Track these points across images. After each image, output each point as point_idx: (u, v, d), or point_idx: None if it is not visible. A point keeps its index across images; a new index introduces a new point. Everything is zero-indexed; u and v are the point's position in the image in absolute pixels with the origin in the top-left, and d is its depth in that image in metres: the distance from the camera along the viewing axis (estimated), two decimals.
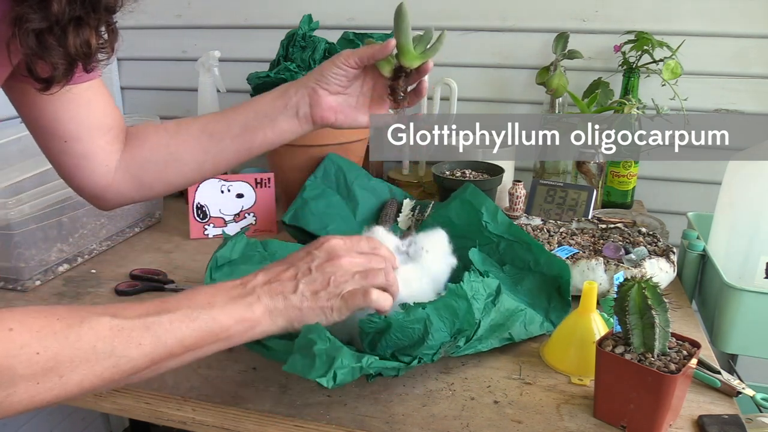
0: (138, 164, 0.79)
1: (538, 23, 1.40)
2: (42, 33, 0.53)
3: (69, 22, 0.54)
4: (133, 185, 0.80)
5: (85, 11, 0.55)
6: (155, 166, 0.79)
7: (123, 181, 0.79)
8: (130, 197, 0.82)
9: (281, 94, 0.79)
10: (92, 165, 0.77)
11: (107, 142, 0.77)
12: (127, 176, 0.79)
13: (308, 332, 0.61)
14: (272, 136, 0.78)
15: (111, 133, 0.78)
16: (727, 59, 1.32)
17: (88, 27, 0.57)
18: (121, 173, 0.79)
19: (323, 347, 0.60)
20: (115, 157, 0.79)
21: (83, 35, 0.56)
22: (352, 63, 0.76)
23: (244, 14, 1.57)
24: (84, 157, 0.76)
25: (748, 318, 0.84)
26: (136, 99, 1.74)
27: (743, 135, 1.35)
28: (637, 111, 1.19)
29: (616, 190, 1.29)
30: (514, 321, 0.79)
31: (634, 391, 0.63)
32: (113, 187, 0.79)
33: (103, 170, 0.78)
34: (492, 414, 0.68)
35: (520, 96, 1.45)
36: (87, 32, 0.57)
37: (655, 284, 0.63)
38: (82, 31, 0.56)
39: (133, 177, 0.80)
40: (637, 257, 0.91)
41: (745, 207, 0.91)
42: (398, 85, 0.77)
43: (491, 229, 0.92)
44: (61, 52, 0.56)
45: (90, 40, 0.57)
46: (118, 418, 1.79)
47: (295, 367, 0.60)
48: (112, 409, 0.73)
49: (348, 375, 0.61)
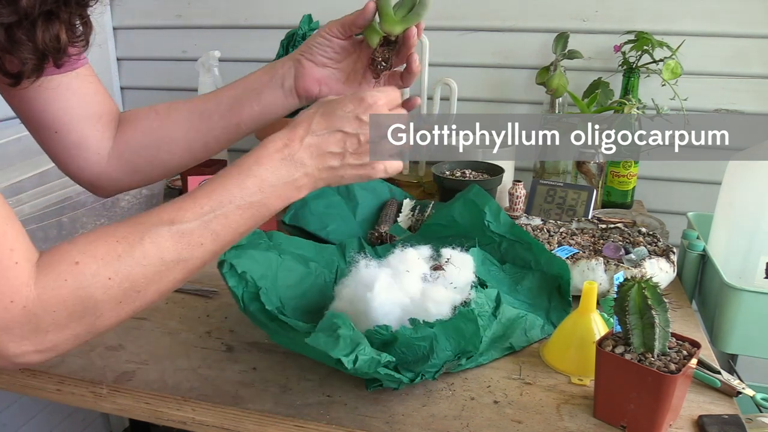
0: (131, 149, 0.78)
1: (538, 23, 1.40)
2: (11, 27, 0.53)
3: (39, 16, 0.54)
4: (127, 171, 0.79)
5: (56, 5, 0.55)
6: (148, 150, 0.78)
7: (117, 167, 0.79)
8: (126, 183, 0.81)
9: (269, 68, 0.78)
10: (85, 153, 0.76)
11: (98, 129, 0.77)
12: (121, 162, 0.78)
13: (333, 317, 0.64)
14: (258, 109, 0.78)
15: (102, 120, 0.77)
16: (727, 59, 1.32)
17: (59, 21, 0.56)
18: (115, 159, 0.78)
19: (348, 333, 0.62)
20: (107, 144, 0.78)
21: (53, 30, 0.55)
22: (335, 32, 0.75)
23: (244, 14, 1.57)
24: (76, 147, 0.76)
25: (748, 318, 0.84)
26: (136, 99, 1.74)
27: (743, 135, 1.35)
28: (637, 111, 1.19)
29: (616, 190, 1.29)
30: (515, 329, 0.79)
31: (634, 391, 0.63)
32: (108, 173, 0.79)
33: (96, 158, 0.77)
34: (492, 414, 0.68)
35: (520, 96, 1.45)
36: (57, 27, 0.56)
37: (655, 284, 0.63)
38: (52, 26, 0.55)
39: (126, 162, 0.78)
40: (637, 257, 0.91)
41: (745, 207, 0.91)
42: (377, 52, 0.73)
43: (493, 228, 0.92)
44: (30, 47, 0.55)
45: (60, 34, 0.56)
46: (118, 418, 1.79)
47: (318, 343, 0.62)
48: (112, 409, 0.73)
49: (367, 363, 0.61)
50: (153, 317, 0.88)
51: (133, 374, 0.75)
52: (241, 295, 0.73)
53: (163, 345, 0.81)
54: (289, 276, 0.83)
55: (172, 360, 0.78)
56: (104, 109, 0.78)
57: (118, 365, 0.76)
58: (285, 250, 0.85)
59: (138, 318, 0.87)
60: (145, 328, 0.85)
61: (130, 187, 0.83)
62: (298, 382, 0.73)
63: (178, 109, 0.79)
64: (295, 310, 0.80)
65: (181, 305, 0.92)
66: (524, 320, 0.80)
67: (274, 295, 0.79)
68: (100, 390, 0.73)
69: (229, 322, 0.87)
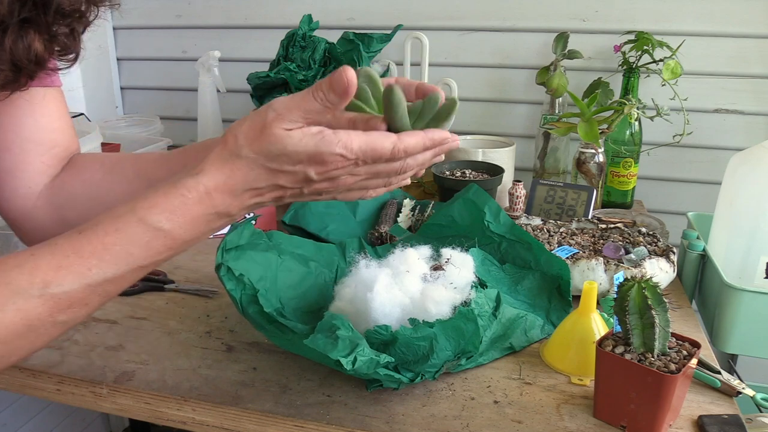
0: (66, 195, 0.67)
1: (538, 23, 1.40)
2: None
3: (14, 23, 0.49)
4: (54, 218, 0.67)
5: (33, 12, 0.49)
6: (82, 204, 0.67)
7: (45, 211, 0.67)
8: (51, 232, 0.66)
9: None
10: (15, 183, 0.65)
11: (43, 161, 0.66)
12: (51, 207, 0.67)
13: (332, 318, 0.64)
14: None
15: (52, 152, 0.67)
16: (727, 59, 1.32)
17: (34, 30, 0.50)
18: (45, 201, 0.67)
19: (347, 334, 0.62)
20: (43, 180, 0.67)
21: (25, 39, 0.50)
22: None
23: (244, 14, 1.57)
24: (8, 172, 0.65)
25: (748, 318, 0.84)
26: (136, 99, 1.75)
27: (743, 135, 1.36)
28: (637, 111, 1.19)
29: (616, 190, 1.29)
30: (515, 329, 0.79)
31: (634, 391, 0.63)
32: (33, 214, 0.67)
33: (25, 191, 0.66)
34: (492, 414, 0.68)
35: (520, 96, 1.46)
36: (31, 36, 0.50)
37: (655, 284, 0.63)
38: (25, 35, 0.50)
39: (56, 209, 0.67)
40: (637, 257, 0.91)
41: (745, 207, 0.91)
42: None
43: (493, 228, 0.92)
44: (5, 57, 0.49)
45: (33, 44, 0.50)
46: (118, 418, 1.79)
47: (317, 344, 0.61)
48: (112, 409, 0.73)
49: (366, 364, 0.61)
50: (153, 317, 0.88)
51: (133, 374, 0.75)
52: (239, 297, 0.73)
53: (163, 345, 0.81)
54: (289, 276, 0.83)
55: (172, 360, 0.78)
56: (61, 141, 0.68)
57: (118, 365, 0.76)
58: (285, 250, 0.85)
59: (138, 318, 0.87)
60: (145, 328, 0.85)
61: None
62: (298, 382, 0.73)
63: (124, 169, 0.68)
64: (296, 310, 0.80)
65: (181, 305, 0.92)
66: (524, 320, 0.80)
67: (274, 296, 0.79)
68: (100, 390, 0.73)
69: (229, 322, 0.87)
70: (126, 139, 1.32)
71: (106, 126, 1.47)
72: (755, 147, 0.93)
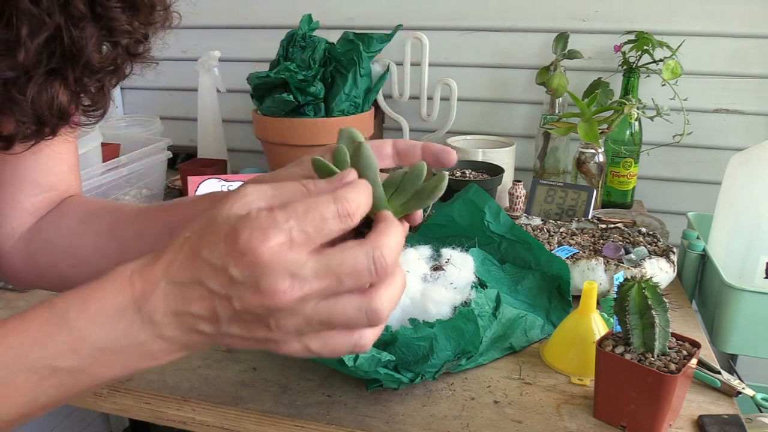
0: (40, 240, 0.61)
1: (538, 23, 1.40)
2: (6, 84, 0.43)
3: (40, 73, 0.44)
4: (27, 263, 0.62)
5: (62, 64, 0.45)
6: (54, 252, 0.60)
7: (20, 253, 0.61)
8: (27, 280, 0.63)
9: (209, 195, 0.57)
10: (1, 220, 0.61)
11: (33, 202, 0.61)
12: (26, 251, 0.61)
13: None
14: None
15: (45, 195, 0.61)
16: (727, 59, 1.32)
17: (59, 83, 0.46)
18: (22, 243, 0.61)
19: None
20: (29, 221, 0.61)
21: (50, 90, 0.45)
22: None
23: (244, 14, 1.57)
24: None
25: (748, 318, 0.84)
26: (136, 99, 1.75)
27: (743, 135, 1.36)
28: (637, 111, 1.19)
29: (616, 190, 1.29)
30: (515, 329, 0.79)
31: (634, 391, 0.63)
32: (9, 256, 0.62)
33: (7, 231, 0.61)
34: (492, 414, 0.68)
35: (520, 96, 1.45)
36: (56, 88, 0.45)
37: (655, 284, 0.63)
38: (50, 86, 0.45)
39: (30, 254, 0.61)
40: (637, 257, 0.91)
41: (745, 207, 0.91)
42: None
43: (493, 228, 0.92)
44: (25, 108, 0.45)
45: (58, 97, 0.46)
46: (118, 418, 1.79)
47: None
48: (112, 409, 0.73)
49: (367, 361, 0.62)
50: None
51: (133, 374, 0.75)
52: None
53: None
54: None
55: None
56: (58, 186, 0.62)
57: None
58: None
59: None
60: None
61: (31, 287, 0.66)
62: (298, 382, 0.73)
63: (99, 221, 0.60)
64: None
65: None
66: (524, 320, 0.80)
67: None
68: (100, 390, 0.73)
69: None
70: (126, 139, 1.31)
71: (105, 126, 1.47)
72: (755, 147, 0.93)
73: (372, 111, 1.32)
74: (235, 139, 1.59)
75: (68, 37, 0.43)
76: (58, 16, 0.42)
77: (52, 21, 0.42)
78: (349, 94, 1.24)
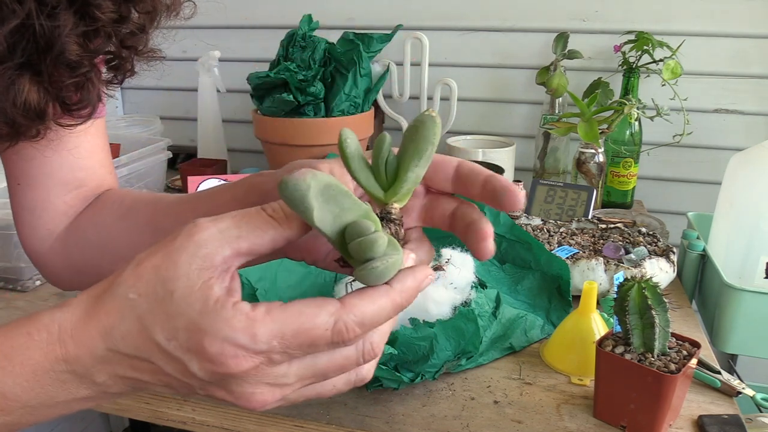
0: (77, 237, 0.58)
1: (538, 23, 1.40)
2: None
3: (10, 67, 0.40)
4: (65, 262, 0.59)
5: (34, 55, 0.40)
6: (90, 249, 0.58)
7: (59, 253, 0.59)
8: (65, 281, 0.61)
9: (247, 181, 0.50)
10: (34, 222, 0.58)
11: (65, 201, 0.58)
12: (64, 250, 0.59)
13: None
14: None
15: (77, 192, 0.59)
16: (727, 59, 1.32)
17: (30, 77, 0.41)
18: (60, 243, 0.59)
19: None
20: (64, 221, 0.59)
21: (16, 87, 0.40)
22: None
23: (244, 14, 1.57)
24: (29, 210, 0.58)
25: (748, 318, 0.84)
26: (136, 99, 1.75)
27: (743, 135, 1.36)
28: (637, 111, 1.19)
29: (616, 190, 1.29)
30: (515, 329, 0.79)
31: (634, 391, 0.63)
32: (48, 257, 0.59)
33: (44, 233, 0.58)
34: (492, 414, 0.68)
35: (520, 96, 1.45)
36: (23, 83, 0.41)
37: (655, 284, 0.63)
38: (17, 81, 0.40)
39: (68, 255, 0.59)
40: (637, 257, 0.91)
41: (745, 207, 0.91)
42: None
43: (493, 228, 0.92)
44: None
45: (26, 94, 0.41)
46: (118, 418, 1.79)
47: None
48: (112, 409, 0.73)
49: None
50: None
51: None
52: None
53: None
54: (288, 276, 0.83)
55: None
56: (88, 181, 0.59)
57: None
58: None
59: None
60: None
61: (70, 288, 0.63)
62: None
63: (137, 215, 0.56)
64: None
65: None
66: (524, 320, 0.80)
67: (274, 296, 0.79)
68: None
69: None
70: (126, 139, 1.32)
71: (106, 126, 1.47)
72: (755, 147, 0.93)
73: (372, 111, 1.33)
74: (235, 139, 1.59)
75: (39, 25, 0.39)
76: (29, 3, 0.38)
77: (23, 9, 0.38)
78: (349, 94, 1.24)
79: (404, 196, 0.37)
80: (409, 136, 0.36)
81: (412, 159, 0.36)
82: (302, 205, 0.32)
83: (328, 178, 0.33)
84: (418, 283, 0.34)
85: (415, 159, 0.36)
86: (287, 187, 0.32)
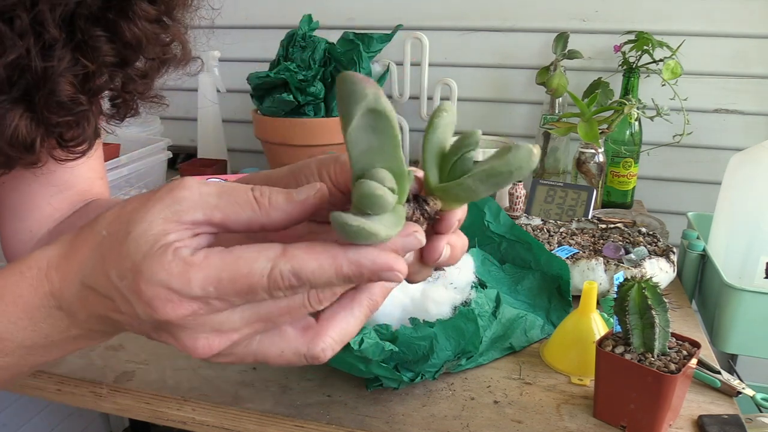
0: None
1: (538, 23, 1.40)
2: None
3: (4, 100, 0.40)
4: None
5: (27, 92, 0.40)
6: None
7: None
8: None
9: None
10: (17, 224, 0.57)
11: (51, 203, 0.57)
12: None
13: None
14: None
15: (65, 194, 0.58)
16: (727, 59, 1.32)
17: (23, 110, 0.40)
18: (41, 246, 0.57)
19: None
20: (48, 224, 0.58)
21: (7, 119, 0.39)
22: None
23: (244, 14, 1.57)
24: (12, 210, 0.57)
25: (748, 318, 0.84)
26: None
27: (743, 135, 1.36)
28: (637, 111, 1.19)
29: (616, 190, 1.29)
30: (515, 329, 0.79)
31: (634, 391, 0.63)
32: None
33: (26, 236, 0.57)
34: (492, 414, 0.68)
35: (520, 96, 1.45)
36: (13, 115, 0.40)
37: (655, 284, 0.63)
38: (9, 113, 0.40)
39: None
40: (637, 257, 0.91)
41: (745, 207, 0.91)
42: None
43: (493, 228, 0.92)
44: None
45: (15, 125, 0.40)
46: (118, 418, 1.79)
47: None
48: (112, 409, 0.73)
49: (372, 347, 0.62)
50: None
51: (133, 374, 0.75)
52: None
53: (163, 345, 0.81)
54: None
55: (172, 360, 0.78)
56: (75, 183, 0.58)
57: (118, 365, 0.76)
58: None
59: None
60: None
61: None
62: (298, 382, 0.73)
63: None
64: None
65: None
66: (524, 320, 0.80)
67: None
68: (100, 390, 0.73)
69: None
70: (126, 139, 1.31)
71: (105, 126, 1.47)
72: (755, 147, 0.93)
73: None
74: (235, 139, 1.59)
75: (34, 63, 0.39)
76: (29, 39, 0.38)
77: (23, 43, 0.38)
78: None
79: (451, 200, 0.33)
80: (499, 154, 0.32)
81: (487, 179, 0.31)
82: (347, 106, 0.27)
83: (390, 112, 0.28)
84: (377, 267, 0.30)
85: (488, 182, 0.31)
86: (345, 81, 0.27)
